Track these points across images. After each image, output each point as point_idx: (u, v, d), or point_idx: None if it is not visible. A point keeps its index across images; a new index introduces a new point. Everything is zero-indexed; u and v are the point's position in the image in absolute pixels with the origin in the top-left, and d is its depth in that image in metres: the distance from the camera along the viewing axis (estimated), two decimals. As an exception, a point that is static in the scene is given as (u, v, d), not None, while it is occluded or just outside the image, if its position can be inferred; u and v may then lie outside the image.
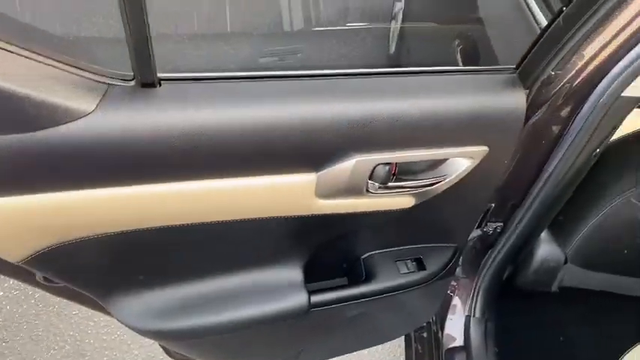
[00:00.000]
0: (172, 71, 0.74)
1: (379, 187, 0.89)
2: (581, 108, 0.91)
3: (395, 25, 1.38)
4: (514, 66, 0.89)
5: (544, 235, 1.38)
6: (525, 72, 0.88)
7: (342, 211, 0.91)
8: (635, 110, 1.01)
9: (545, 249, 1.38)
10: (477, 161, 0.91)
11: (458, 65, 1.14)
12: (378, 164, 0.86)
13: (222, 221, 0.86)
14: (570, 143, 0.96)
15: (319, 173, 0.83)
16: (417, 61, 1.39)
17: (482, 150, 0.89)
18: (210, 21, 1.30)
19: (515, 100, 0.87)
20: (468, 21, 1.25)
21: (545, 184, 1.05)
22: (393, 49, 1.38)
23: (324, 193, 0.86)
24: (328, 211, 0.90)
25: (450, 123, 0.84)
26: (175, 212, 0.81)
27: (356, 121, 0.79)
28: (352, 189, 0.87)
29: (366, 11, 1.41)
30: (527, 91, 0.88)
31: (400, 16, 1.37)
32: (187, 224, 0.84)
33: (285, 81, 0.80)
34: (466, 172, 0.92)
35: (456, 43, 1.18)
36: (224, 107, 0.74)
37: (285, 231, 0.93)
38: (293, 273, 1.03)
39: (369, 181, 0.88)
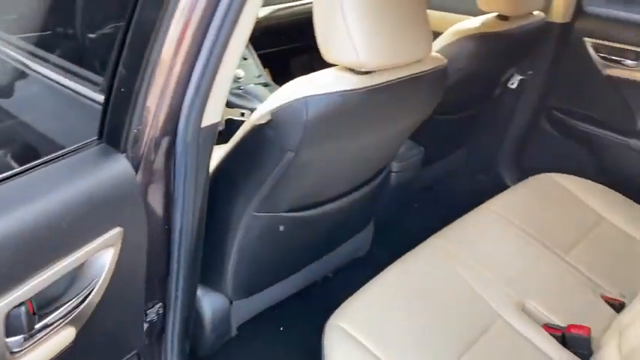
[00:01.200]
0: None
1: (25, 340, 0.73)
2: (174, 153, 0.89)
3: None
4: (96, 137, 0.86)
5: (200, 291, 1.30)
6: (113, 138, 0.85)
7: None
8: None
9: (209, 303, 1.31)
10: (119, 246, 0.83)
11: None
12: (11, 309, 0.69)
13: None
14: (184, 186, 0.93)
15: None
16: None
17: (117, 232, 0.82)
18: None
19: (117, 166, 0.83)
20: None
21: (181, 244, 0.99)
22: None
23: None
24: None
25: (65, 219, 0.74)
26: None
27: None
28: None
29: None
30: (125, 154, 0.84)
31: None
32: None
33: None
34: (115, 263, 0.83)
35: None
36: None
37: None
38: None
39: (8, 340, 0.70)
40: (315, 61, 1.10)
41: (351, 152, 1.21)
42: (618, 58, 1.99)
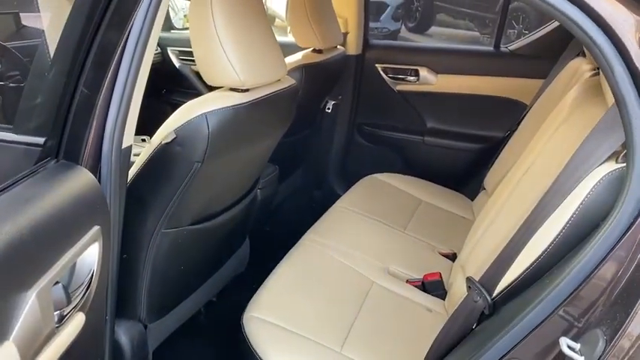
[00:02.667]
0: None
1: (60, 319, 0.83)
2: (99, 173, 0.99)
3: None
4: (52, 157, 0.94)
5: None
6: (71, 154, 0.94)
7: None
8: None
9: (125, 331, 1.34)
10: (101, 241, 0.92)
11: None
12: (56, 283, 0.80)
13: None
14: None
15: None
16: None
17: (97, 229, 0.90)
18: None
19: (82, 176, 0.92)
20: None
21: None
22: None
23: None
24: None
25: (46, 234, 0.80)
26: None
27: None
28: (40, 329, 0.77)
29: None
30: (83, 166, 0.94)
31: None
32: None
33: None
34: (102, 255, 0.92)
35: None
36: None
37: None
38: None
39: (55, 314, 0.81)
40: (166, 104, 1.25)
41: (240, 163, 1.40)
42: (402, 76, 2.52)
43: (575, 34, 0.84)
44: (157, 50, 2.96)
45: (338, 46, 2.25)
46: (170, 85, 2.96)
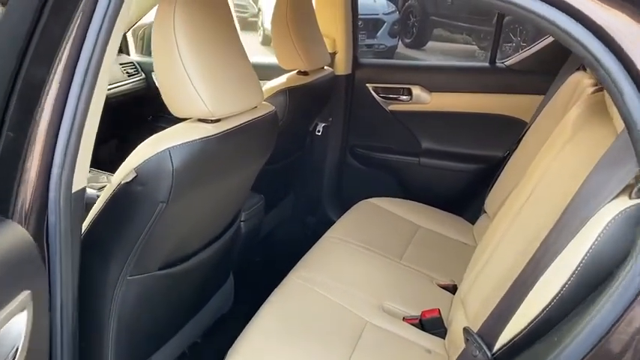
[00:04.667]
0: None
1: None
2: (46, 222, 0.89)
3: None
4: None
5: None
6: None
7: None
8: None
9: None
10: (32, 308, 0.82)
11: None
12: None
13: None
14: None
15: None
16: None
17: (26, 295, 0.80)
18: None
19: (11, 232, 0.82)
20: None
21: (62, 324, 0.96)
22: None
23: None
24: None
25: None
26: None
27: None
28: None
29: None
30: (14, 220, 0.85)
31: None
32: None
33: None
34: (31, 326, 0.82)
35: None
36: None
37: None
38: None
39: None
40: (152, 133, 1.14)
41: (213, 199, 1.29)
42: (394, 96, 2.42)
43: (576, 52, 0.73)
44: (141, 76, 2.91)
45: (325, 67, 2.15)
46: (156, 112, 2.86)
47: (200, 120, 1.16)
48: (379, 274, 1.70)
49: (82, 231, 1.12)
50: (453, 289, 1.70)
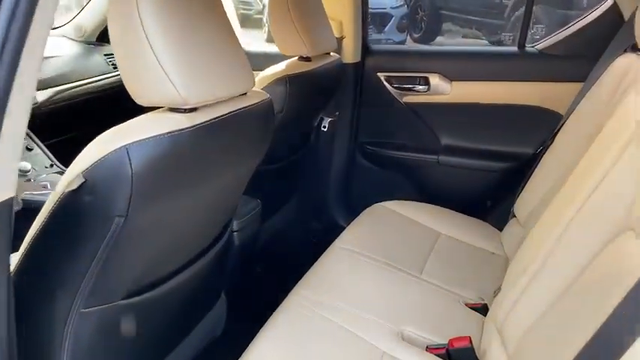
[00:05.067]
0: None
1: None
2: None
3: None
4: None
5: None
6: None
7: None
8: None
9: None
10: None
11: None
12: None
13: None
14: None
15: None
16: None
17: None
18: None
19: None
20: None
21: None
22: None
23: None
24: None
25: None
26: None
27: None
28: None
29: None
30: None
31: None
32: None
33: None
34: None
35: None
36: None
37: None
38: None
39: None
40: None
41: (189, 209, 1.04)
42: (410, 86, 2.21)
43: None
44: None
45: (331, 53, 1.91)
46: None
47: (171, 109, 0.91)
48: (397, 293, 1.46)
49: (21, 252, 0.89)
50: (483, 310, 1.45)
